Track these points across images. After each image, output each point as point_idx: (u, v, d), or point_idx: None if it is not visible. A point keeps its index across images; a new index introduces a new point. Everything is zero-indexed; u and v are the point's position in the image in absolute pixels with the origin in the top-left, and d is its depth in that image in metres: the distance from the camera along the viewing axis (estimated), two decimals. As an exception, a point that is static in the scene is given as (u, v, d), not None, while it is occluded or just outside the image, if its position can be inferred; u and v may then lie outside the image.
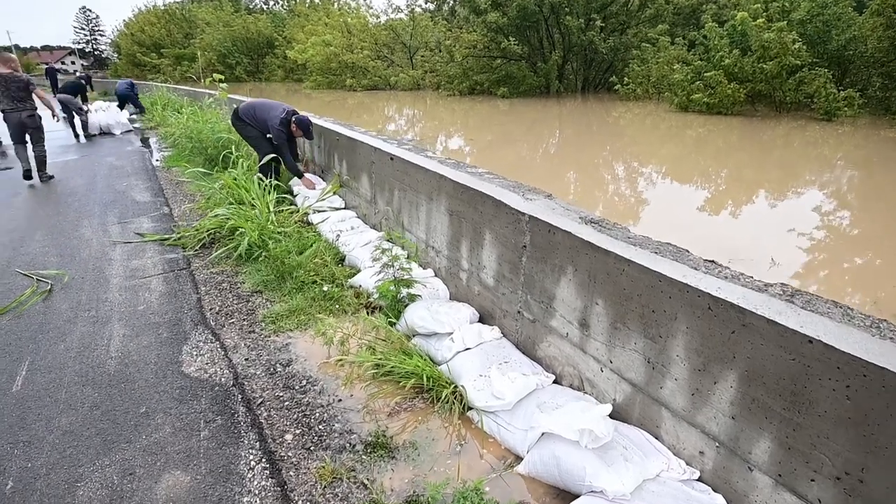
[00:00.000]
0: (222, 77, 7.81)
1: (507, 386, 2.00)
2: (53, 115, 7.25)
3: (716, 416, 1.49)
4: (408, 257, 3.49)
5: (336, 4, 30.36)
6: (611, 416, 1.88)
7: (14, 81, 6.10)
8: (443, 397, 2.14)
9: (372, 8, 26.17)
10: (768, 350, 1.32)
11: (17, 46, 72.42)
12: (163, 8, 42.95)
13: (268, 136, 4.99)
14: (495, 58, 19.50)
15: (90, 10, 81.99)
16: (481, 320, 2.69)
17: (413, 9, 24.85)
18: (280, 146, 4.92)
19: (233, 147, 5.91)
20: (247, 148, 5.96)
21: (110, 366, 2.49)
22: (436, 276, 3.15)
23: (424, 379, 2.20)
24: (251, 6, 40.35)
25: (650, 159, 10.19)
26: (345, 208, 4.82)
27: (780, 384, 1.31)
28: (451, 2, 22.34)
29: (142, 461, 1.89)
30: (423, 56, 23.60)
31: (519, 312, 2.36)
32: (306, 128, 4.91)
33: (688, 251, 1.79)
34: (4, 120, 6.24)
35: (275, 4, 42.12)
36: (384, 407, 2.18)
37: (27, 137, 6.33)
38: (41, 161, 6.50)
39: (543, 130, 13.74)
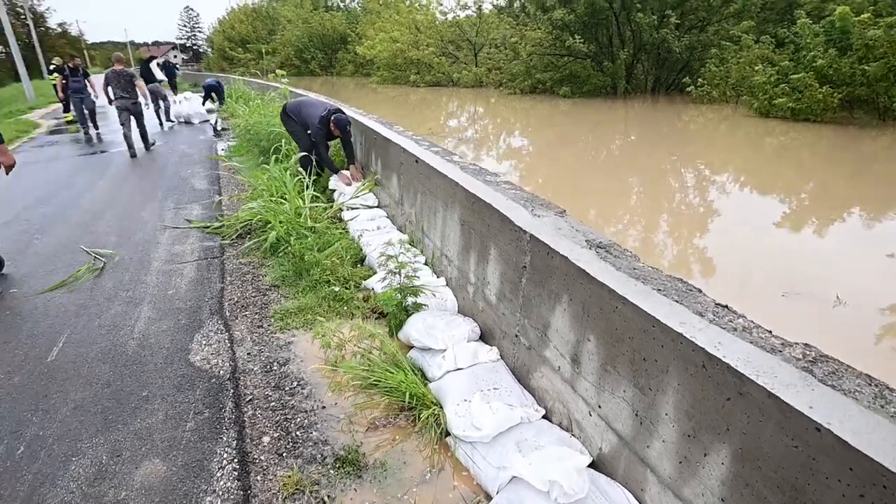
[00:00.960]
0: (284, 73, 8.09)
1: (486, 416, 1.84)
2: (146, 103, 8.49)
3: (703, 494, 1.25)
4: (425, 263, 3.40)
5: (407, 1, 30.74)
6: (597, 468, 1.67)
7: (124, 76, 7.51)
8: (423, 418, 2.01)
9: (442, 5, 25.97)
10: (768, 429, 1.07)
11: (132, 42, 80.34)
12: (251, 7, 45.75)
13: (308, 132, 5.08)
14: (561, 56, 18.75)
15: (192, 9, 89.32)
16: (483, 338, 2.53)
17: (480, 5, 24.51)
18: (317, 142, 4.99)
19: (283, 141, 6.10)
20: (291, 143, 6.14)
21: (130, 346, 2.61)
22: (447, 285, 3.02)
23: (407, 396, 2.09)
24: (329, 4, 41.94)
25: (722, 168, 9.33)
26: (377, 207, 4.80)
27: (780, 473, 1.06)
28: (522, -1, 21.76)
29: (130, 444, 1.95)
30: (487, 53, 23.27)
31: (517, 336, 2.18)
32: (343, 127, 4.94)
33: (699, 291, 1.53)
34: (115, 106, 7.56)
35: (351, 1, 43.53)
36: (365, 420, 2.10)
37: (133, 120, 7.78)
38: (144, 135, 8.18)
39: (606, 132, 13.05)
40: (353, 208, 4.75)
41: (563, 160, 10.09)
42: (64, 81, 10.28)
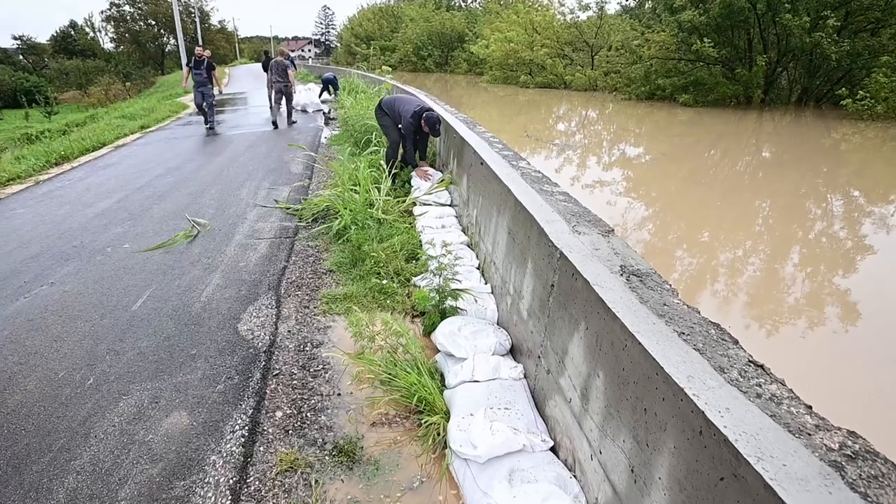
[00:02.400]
0: (390, 69, 8.48)
1: (484, 436, 1.75)
2: (295, 89, 10.55)
3: (686, 582, 1.06)
4: (478, 267, 3.35)
5: (528, 1, 30.50)
6: (589, 517, 1.50)
7: (281, 65, 9.63)
8: (426, 424, 1.99)
9: (564, 5, 25.25)
10: (762, 526, 0.87)
11: (275, 37, 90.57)
12: (379, 6, 48.89)
13: (399, 126, 5.28)
14: (689, 61, 17.11)
15: (329, 8, 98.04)
16: (513, 352, 2.42)
17: (603, 6, 23.37)
18: (405, 136, 5.16)
19: (374, 134, 6.43)
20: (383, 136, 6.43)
21: (195, 308, 2.95)
22: (491, 293, 2.94)
23: (414, 399, 2.07)
24: (451, 3, 43.26)
25: (882, 199, 7.86)
26: (450, 205, 4.83)
27: (769, 583, 0.85)
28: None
29: (168, 395, 2.20)
30: (606, 56, 22.12)
31: (539, 357, 2.04)
32: (433, 124, 5.05)
33: (735, 343, 1.30)
34: (272, 88, 9.89)
35: (472, 1, 44.46)
36: (372, 415, 2.13)
37: (283, 100, 9.98)
38: (289, 113, 10.17)
39: (732, 146, 11.69)
40: (425, 204, 4.85)
41: (675, 174, 9.26)
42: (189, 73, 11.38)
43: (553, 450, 1.83)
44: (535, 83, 24.74)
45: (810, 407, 1.07)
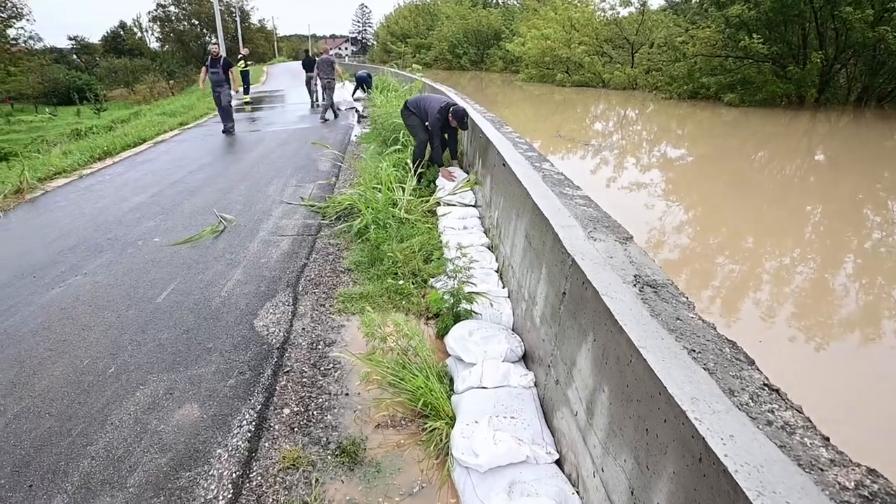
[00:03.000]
0: (420, 67, 8.52)
1: (486, 445, 1.72)
2: (341, 84, 11.63)
3: None
4: (496, 270, 3.31)
5: None
6: (590, 537, 1.45)
7: (326, 61, 10.67)
8: (430, 429, 1.98)
9: (605, 1, 24.59)
10: (760, 566, 0.81)
11: (313, 35, 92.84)
12: (415, 3, 49.22)
13: (426, 124, 5.29)
14: (737, 58, 16.34)
15: (366, 6, 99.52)
16: (525, 359, 2.38)
17: (644, 1, 22.63)
18: (433, 132, 5.17)
19: (401, 133, 6.47)
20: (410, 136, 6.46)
21: (215, 303, 3.04)
22: (508, 297, 2.90)
23: (419, 403, 2.07)
24: (488, 0, 43.10)
25: None
26: (474, 206, 4.80)
27: None
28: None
29: (182, 387, 2.28)
30: (648, 53, 21.43)
31: (549, 366, 2.00)
32: (461, 118, 5.05)
33: (750, 364, 1.22)
34: (316, 83, 11.10)
35: None
36: (377, 416, 2.13)
37: (326, 92, 10.97)
38: (329, 106, 11.02)
39: (781, 148, 11.13)
40: (449, 204, 4.84)
41: (718, 177, 8.89)
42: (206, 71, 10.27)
43: (559, 463, 1.78)
44: (571, 81, 24.28)
45: (828, 439, 0.99)
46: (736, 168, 9.60)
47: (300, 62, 14.92)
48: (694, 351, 1.25)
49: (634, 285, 1.58)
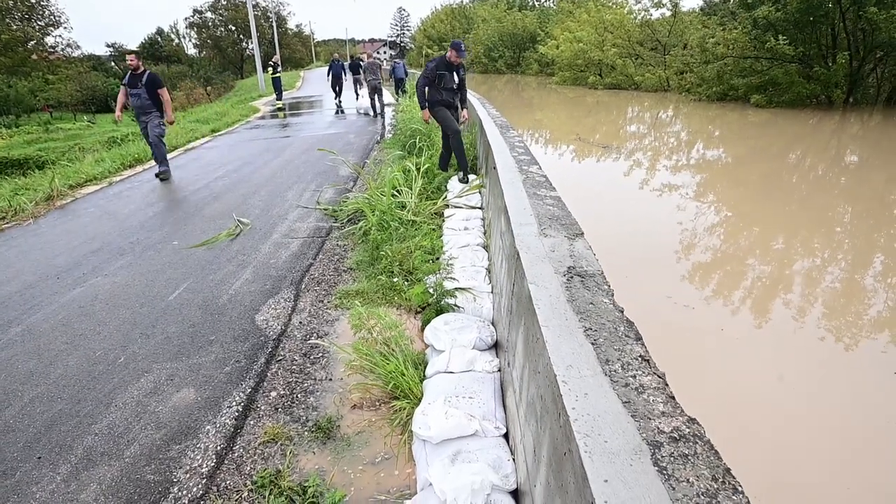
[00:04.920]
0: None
1: (438, 420, 1.97)
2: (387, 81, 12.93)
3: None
4: (487, 268, 3.55)
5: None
6: (517, 498, 1.68)
7: (374, 64, 12.45)
8: (397, 408, 2.25)
9: (640, 2, 24.90)
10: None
11: (351, 40, 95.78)
12: (452, 7, 50.15)
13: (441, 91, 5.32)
14: (766, 59, 16.12)
15: (404, 10, 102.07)
16: (497, 347, 2.61)
17: (676, 3, 22.54)
18: (430, 83, 5.33)
19: (417, 138, 6.83)
20: (427, 140, 6.81)
21: (222, 300, 3.44)
22: (491, 292, 3.13)
23: (389, 386, 2.34)
24: (524, 3, 43.42)
25: None
26: (479, 207, 5.05)
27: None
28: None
29: (182, 374, 2.65)
30: (682, 55, 21.30)
31: (506, 352, 2.23)
32: (458, 46, 5.24)
33: (636, 339, 1.41)
34: (363, 85, 13.06)
35: (545, 1, 44.39)
36: (354, 398, 2.42)
37: (376, 95, 12.68)
38: (373, 105, 12.75)
39: (808, 149, 10.97)
40: (456, 206, 5.11)
41: (749, 180, 8.74)
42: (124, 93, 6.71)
43: (507, 437, 2.01)
44: (604, 84, 24.68)
45: (673, 397, 1.19)
46: (771, 169, 9.41)
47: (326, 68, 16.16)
48: (591, 329, 1.46)
49: (565, 276, 1.80)
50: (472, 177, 5.53)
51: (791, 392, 3.29)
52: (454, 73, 5.41)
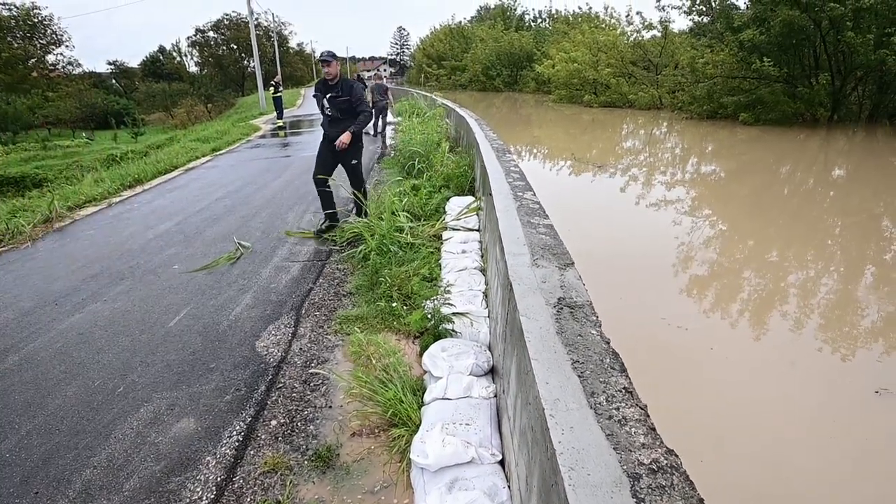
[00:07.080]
0: (440, 92, 9.15)
1: (435, 448, 2.04)
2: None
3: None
4: (483, 292, 3.64)
5: (595, 20, 31.19)
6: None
7: (381, 87, 12.90)
8: (395, 436, 2.31)
9: (632, 24, 26.40)
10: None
11: (352, 58, 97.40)
12: (450, 26, 51.36)
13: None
14: (753, 79, 16.91)
15: (404, 29, 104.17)
16: (493, 373, 2.68)
17: (667, 25, 23.48)
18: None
19: (416, 160, 6.98)
20: (426, 162, 6.98)
21: (222, 326, 3.52)
22: (488, 317, 3.22)
23: (388, 413, 2.41)
24: (520, 24, 44.74)
25: None
26: (477, 230, 5.16)
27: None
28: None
29: (182, 403, 2.72)
30: (673, 74, 22.11)
31: (502, 378, 2.30)
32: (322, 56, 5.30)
33: (620, 371, 1.50)
34: (373, 106, 11.07)
35: (541, 22, 45.67)
36: (354, 426, 2.49)
37: (380, 116, 12.82)
38: (376, 125, 12.74)
39: (800, 163, 11.45)
40: (454, 229, 5.22)
41: (738, 193, 8.92)
42: None
43: (503, 463, 2.07)
44: (598, 102, 25.58)
45: (654, 429, 1.27)
46: (760, 183, 9.66)
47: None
48: (578, 362, 1.55)
49: (555, 307, 1.89)
50: (469, 198, 5.65)
51: (782, 413, 3.35)
52: (327, 98, 5.07)
